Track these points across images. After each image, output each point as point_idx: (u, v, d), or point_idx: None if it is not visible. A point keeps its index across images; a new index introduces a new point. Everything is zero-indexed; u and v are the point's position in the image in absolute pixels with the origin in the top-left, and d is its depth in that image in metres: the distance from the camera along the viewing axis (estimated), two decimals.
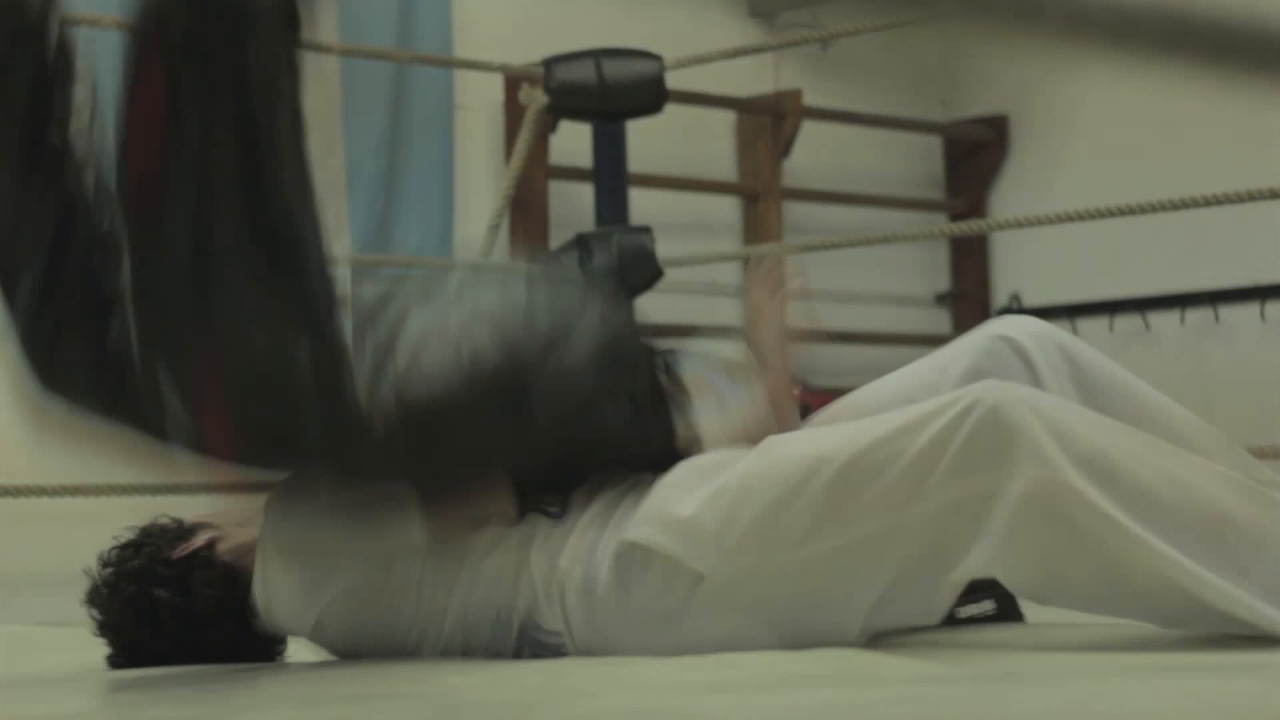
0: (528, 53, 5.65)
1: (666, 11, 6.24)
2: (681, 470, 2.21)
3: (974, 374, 2.24)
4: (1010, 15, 0.88)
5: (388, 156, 6.06)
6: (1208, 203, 4.52)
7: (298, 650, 2.48)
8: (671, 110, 5.59)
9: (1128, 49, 0.85)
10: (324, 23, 5.76)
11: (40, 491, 4.33)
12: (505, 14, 6.34)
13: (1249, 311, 6.69)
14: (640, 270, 5.22)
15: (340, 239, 5.88)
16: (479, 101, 6.31)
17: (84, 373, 2.07)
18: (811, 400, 2.55)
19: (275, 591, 2.29)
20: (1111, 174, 6.70)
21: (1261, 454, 3.50)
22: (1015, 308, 7.29)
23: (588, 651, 2.23)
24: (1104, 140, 6.95)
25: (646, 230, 5.33)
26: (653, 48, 5.50)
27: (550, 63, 5.39)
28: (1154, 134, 6.69)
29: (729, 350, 2.39)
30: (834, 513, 2.07)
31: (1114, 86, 6.61)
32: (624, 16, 6.14)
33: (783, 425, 2.27)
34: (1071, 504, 1.96)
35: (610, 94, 5.35)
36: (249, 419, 2.01)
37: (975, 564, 2.02)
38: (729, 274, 6.86)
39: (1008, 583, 2.07)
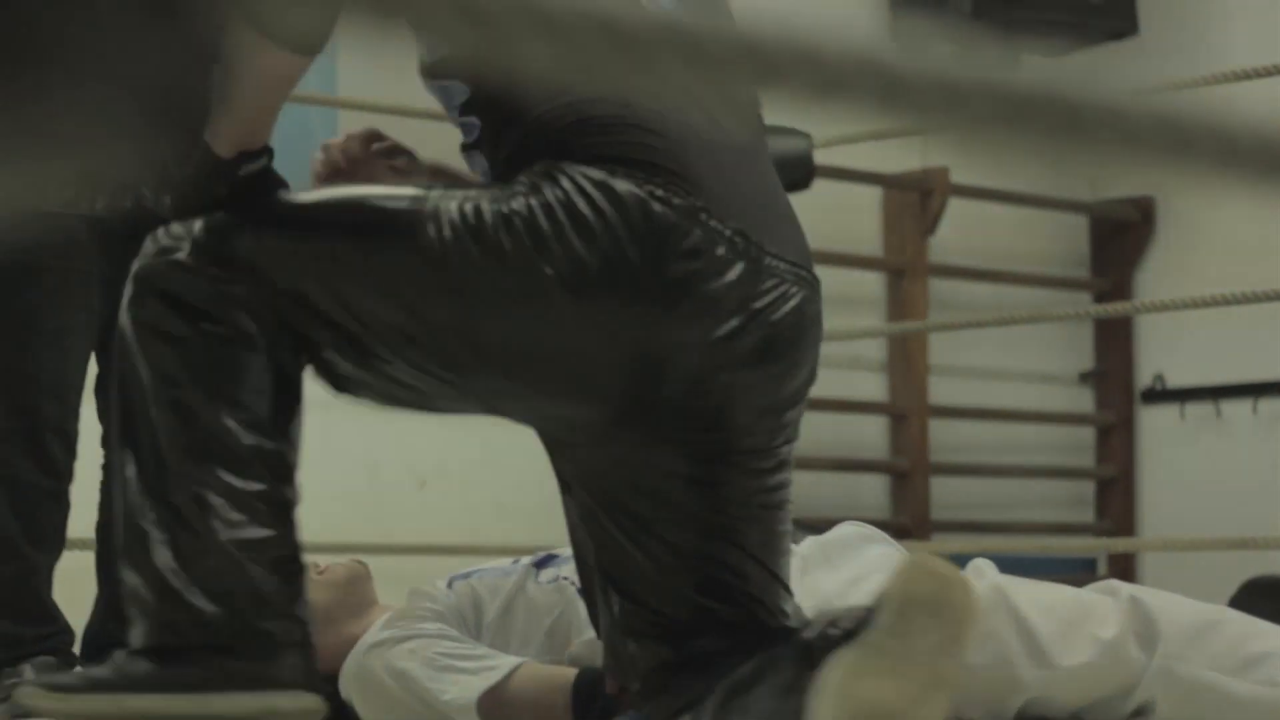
0: None
1: None
2: None
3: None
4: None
5: None
6: None
7: None
8: (818, 185, 5.57)
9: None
10: None
11: None
12: None
13: None
14: None
15: None
16: None
17: None
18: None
19: None
20: (1258, 257, 6.58)
21: None
22: (1159, 388, 7.23)
23: None
24: (1251, 223, 6.82)
25: None
26: (798, 124, 5.45)
27: None
28: None
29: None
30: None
31: None
32: None
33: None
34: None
35: None
36: None
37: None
38: (872, 349, 6.81)
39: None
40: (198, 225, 2.10)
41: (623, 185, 2.06)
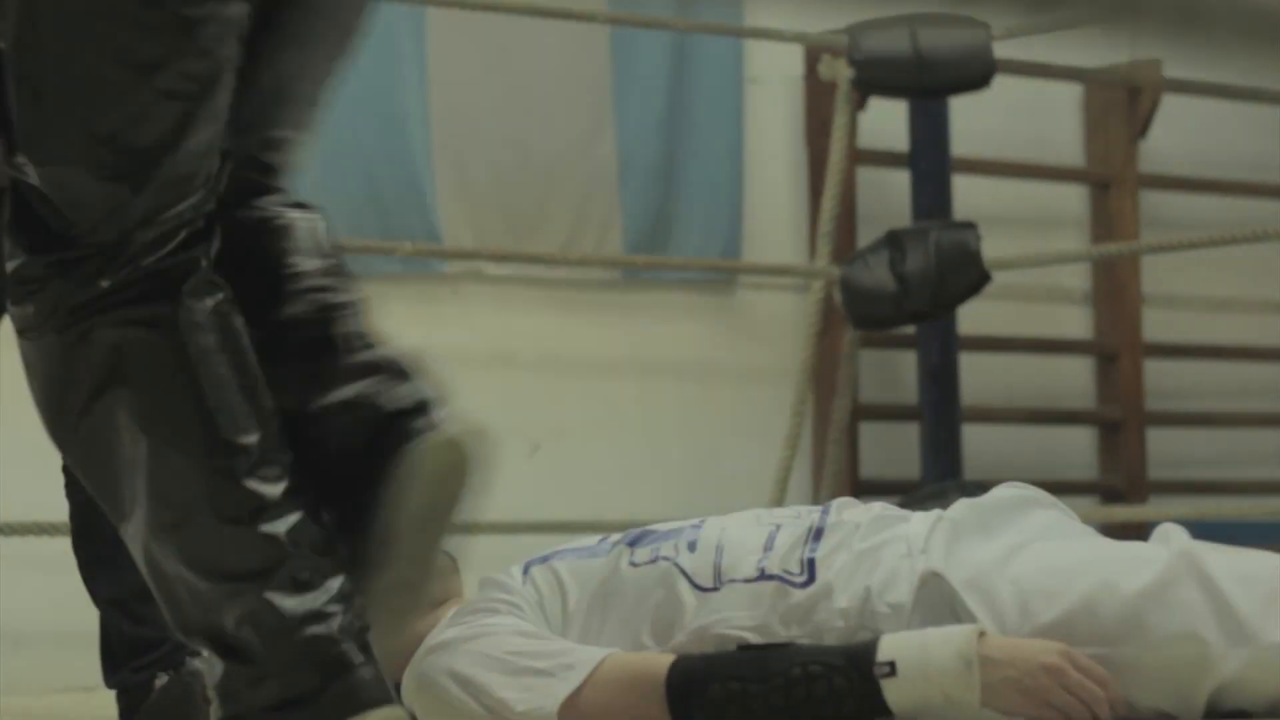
0: (830, 18, 5.57)
1: None
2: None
3: None
4: None
5: (667, 140, 5.99)
6: None
7: None
8: (1005, 84, 5.52)
9: None
10: None
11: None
12: None
13: None
14: (961, 274, 5.13)
15: (611, 236, 5.92)
16: (774, 75, 6.21)
17: None
18: None
19: None
20: None
21: None
22: None
23: None
24: None
25: (970, 226, 5.22)
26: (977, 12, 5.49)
27: (855, 31, 5.36)
28: None
29: None
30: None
31: None
32: None
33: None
34: None
35: (928, 67, 5.31)
36: None
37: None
38: (1074, 277, 6.67)
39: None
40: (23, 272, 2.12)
41: None
